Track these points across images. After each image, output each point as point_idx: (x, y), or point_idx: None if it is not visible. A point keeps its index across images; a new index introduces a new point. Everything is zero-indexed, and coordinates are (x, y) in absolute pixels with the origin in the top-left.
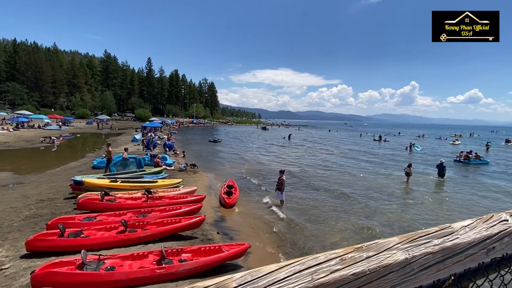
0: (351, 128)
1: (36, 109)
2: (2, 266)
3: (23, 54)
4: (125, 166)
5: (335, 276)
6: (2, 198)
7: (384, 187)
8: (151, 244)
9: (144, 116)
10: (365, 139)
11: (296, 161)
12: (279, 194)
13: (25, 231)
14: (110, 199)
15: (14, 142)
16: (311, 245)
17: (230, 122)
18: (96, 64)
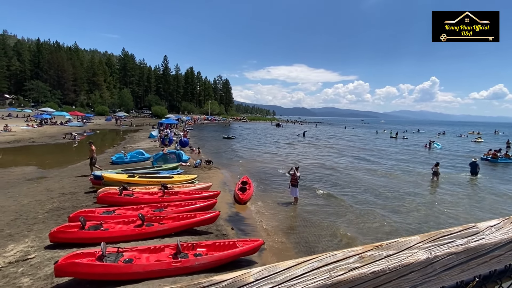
0: (367, 125)
1: (58, 106)
2: (28, 256)
3: (46, 53)
4: (166, 160)
5: (354, 274)
6: (28, 191)
7: (406, 186)
8: (167, 238)
9: (161, 113)
10: (382, 136)
11: (312, 158)
12: (294, 190)
13: (48, 223)
14: (128, 194)
15: (38, 138)
16: (326, 243)
17: (245, 119)
18: (114, 62)
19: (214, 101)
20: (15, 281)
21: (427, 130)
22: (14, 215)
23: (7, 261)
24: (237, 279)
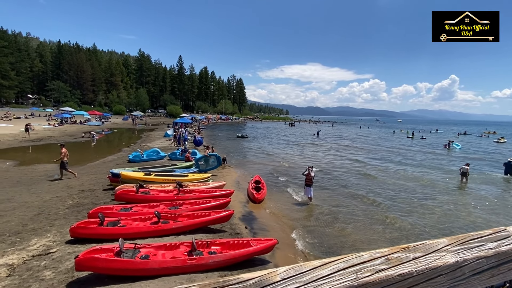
0: (383, 124)
1: (77, 106)
2: (50, 250)
3: (66, 54)
4: (207, 162)
5: (381, 275)
6: (49, 188)
7: (429, 188)
8: (182, 236)
9: (175, 112)
10: (400, 136)
11: (327, 158)
12: (308, 190)
13: (69, 218)
14: (144, 191)
15: (59, 137)
16: (341, 244)
17: (258, 118)
18: (131, 63)
19: (227, 100)
20: (38, 274)
21: (446, 130)
22: (37, 210)
23: (31, 255)
24: (264, 277)
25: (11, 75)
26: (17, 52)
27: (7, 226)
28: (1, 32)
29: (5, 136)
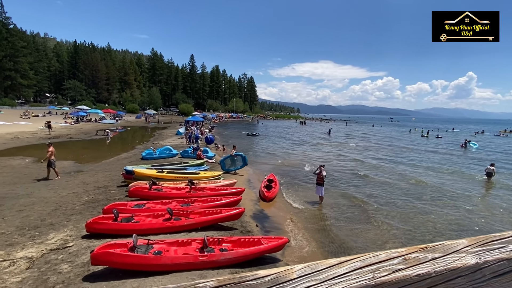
0: (397, 123)
1: (92, 104)
2: (67, 244)
3: (82, 54)
4: (233, 161)
5: (398, 275)
6: (66, 184)
7: (440, 187)
8: (194, 232)
9: (187, 110)
10: (414, 135)
11: (338, 157)
12: (319, 189)
13: (85, 214)
14: (157, 188)
15: (75, 134)
16: (352, 244)
17: (269, 116)
18: (144, 62)
19: (238, 98)
20: (56, 267)
21: (462, 129)
22: (54, 205)
23: (49, 248)
24: (280, 274)
25: (30, 75)
26: (35, 52)
27: (26, 220)
28: (20, 33)
29: (24, 133)
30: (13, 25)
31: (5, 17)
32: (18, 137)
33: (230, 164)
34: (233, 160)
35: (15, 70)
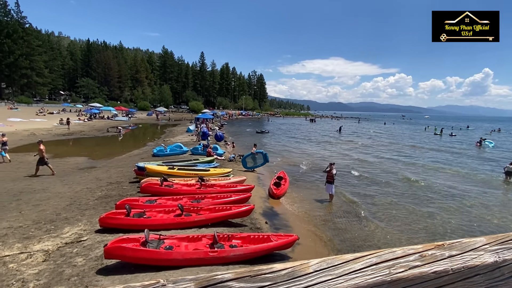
0: (410, 121)
1: (105, 101)
2: (81, 238)
3: (95, 52)
4: (254, 159)
5: (414, 272)
6: (80, 179)
7: (457, 186)
8: (204, 228)
9: (197, 108)
10: (428, 132)
11: (349, 155)
12: (329, 187)
13: (98, 209)
14: (168, 185)
15: (88, 131)
16: (363, 242)
17: (278, 114)
18: (155, 60)
19: (248, 96)
20: (71, 260)
21: (478, 126)
22: (69, 200)
23: (64, 242)
24: (296, 268)
25: (45, 73)
26: (50, 50)
27: (42, 214)
28: (36, 32)
29: (40, 130)
30: (29, 25)
31: (21, 17)
32: (34, 134)
33: (251, 162)
34: (254, 158)
35: (31, 68)
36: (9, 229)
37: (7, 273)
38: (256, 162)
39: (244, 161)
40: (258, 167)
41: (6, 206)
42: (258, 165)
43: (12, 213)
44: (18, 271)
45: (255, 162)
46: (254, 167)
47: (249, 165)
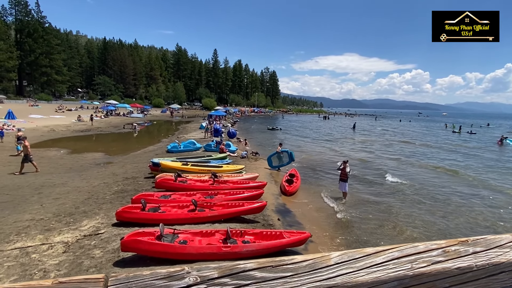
0: (426, 118)
1: (121, 98)
2: (99, 231)
3: (111, 50)
4: (280, 158)
5: (437, 267)
6: (98, 174)
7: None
8: (217, 224)
9: (210, 105)
10: (445, 130)
11: (364, 153)
12: (343, 185)
13: (115, 203)
14: (182, 180)
15: (105, 128)
16: (378, 241)
17: (291, 111)
18: (169, 57)
19: (260, 93)
20: (89, 252)
21: (499, 124)
22: (87, 194)
23: (83, 234)
24: (317, 260)
25: (64, 71)
26: (68, 49)
27: (62, 208)
28: (55, 31)
29: (59, 126)
30: (48, 24)
31: (41, 16)
32: (53, 130)
33: (277, 161)
34: (279, 157)
35: (50, 66)
36: (31, 221)
37: (30, 263)
38: (282, 161)
39: (270, 160)
40: (283, 166)
41: (28, 199)
42: (284, 164)
43: (34, 206)
44: (40, 261)
45: (280, 161)
46: (280, 166)
47: (274, 164)
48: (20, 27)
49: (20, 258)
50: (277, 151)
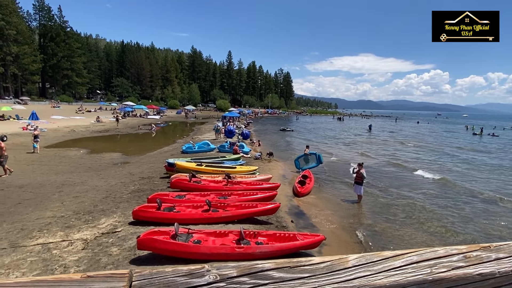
0: (446, 120)
1: (137, 100)
2: (116, 229)
3: (128, 53)
4: (307, 161)
5: (458, 273)
6: (115, 174)
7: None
8: (230, 224)
9: (224, 106)
10: (465, 132)
11: (380, 155)
12: (358, 188)
13: (131, 202)
14: (196, 181)
15: (122, 128)
16: (392, 246)
17: (305, 112)
18: (184, 59)
19: (274, 94)
20: (107, 249)
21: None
22: (105, 193)
23: (101, 232)
24: (335, 262)
25: (84, 73)
26: (88, 52)
27: (81, 206)
28: (76, 35)
29: (79, 127)
30: (70, 28)
31: (63, 21)
32: (74, 130)
33: (304, 163)
34: (307, 159)
35: (71, 69)
36: (53, 218)
37: (51, 258)
38: (309, 163)
39: (297, 161)
40: (311, 168)
41: (50, 197)
42: (311, 166)
43: (55, 203)
44: (60, 257)
45: (307, 163)
46: (307, 168)
47: (301, 165)
48: (44, 32)
49: (42, 253)
50: (305, 153)
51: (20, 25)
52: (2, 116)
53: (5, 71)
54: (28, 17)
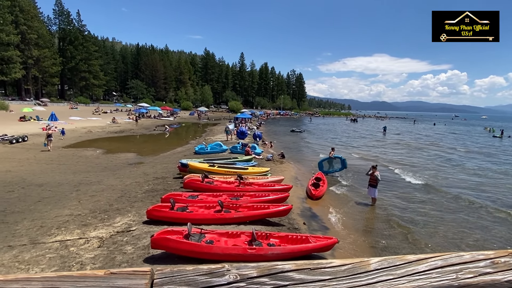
0: (463, 121)
1: (152, 101)
2: (131, 228)
3: (143, 55)
4: (331, 163)
5: (485, 279)
6: (130, 174)
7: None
8: (242, 226)
9: (236, 108)
10: (484, 135)
11: (393, 157)
12: (372, 191)
13: (145, 202)
14: (208, 181)
15: (137, 129)
16: (408, 251)
17: (317, 113)
18: (197, 61)
19: (286, 95)
20: (121, 248)
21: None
22: (120, 193)
23: (116, 231)
24: (356, 265)
25: (100, 76)
26: (105, 55)
27: (97, 204)
28: (93, 39)
29: (95, 128)
30: (87, 32)
31: (81, 25)
32: (90, 131)
33: (328, 166)
34: (331, 162)
35: (88, 71)
36: (70, 216)
37: (69, 255)
38: (333, 166)
39: (321, 164)
40: (335, 172)
41: (67, 195)
42: (336, 169)
43: (73, 202)
44: (77, 254)
45: (331, 166)
46: (331, 171)
47: (325, 168)
48: (63, 36)
49: (60, 250)
50: (330, 156)
51: (41, 30)
52: (23, 117)
53: (26, 73)
54: (48, 22)
